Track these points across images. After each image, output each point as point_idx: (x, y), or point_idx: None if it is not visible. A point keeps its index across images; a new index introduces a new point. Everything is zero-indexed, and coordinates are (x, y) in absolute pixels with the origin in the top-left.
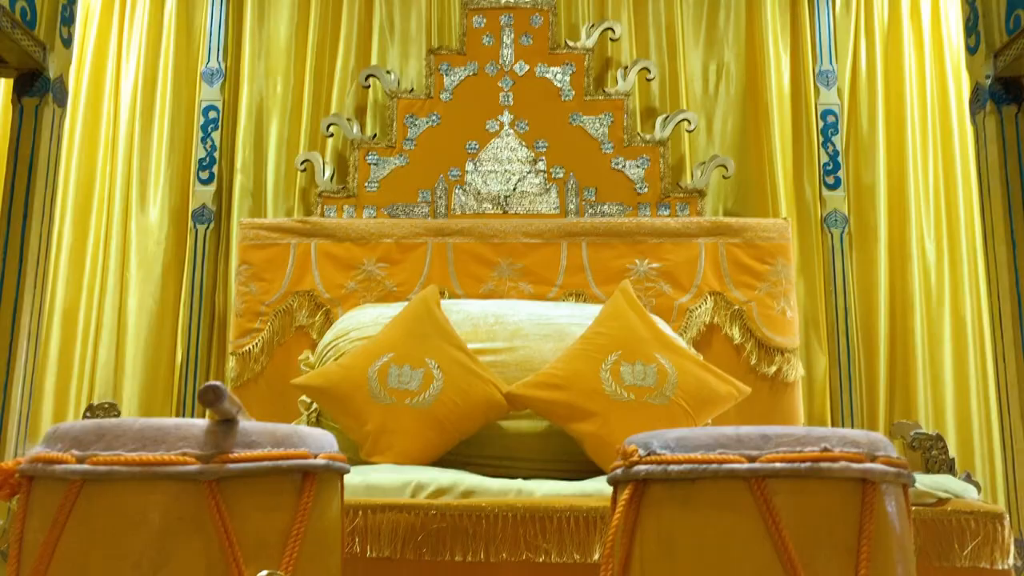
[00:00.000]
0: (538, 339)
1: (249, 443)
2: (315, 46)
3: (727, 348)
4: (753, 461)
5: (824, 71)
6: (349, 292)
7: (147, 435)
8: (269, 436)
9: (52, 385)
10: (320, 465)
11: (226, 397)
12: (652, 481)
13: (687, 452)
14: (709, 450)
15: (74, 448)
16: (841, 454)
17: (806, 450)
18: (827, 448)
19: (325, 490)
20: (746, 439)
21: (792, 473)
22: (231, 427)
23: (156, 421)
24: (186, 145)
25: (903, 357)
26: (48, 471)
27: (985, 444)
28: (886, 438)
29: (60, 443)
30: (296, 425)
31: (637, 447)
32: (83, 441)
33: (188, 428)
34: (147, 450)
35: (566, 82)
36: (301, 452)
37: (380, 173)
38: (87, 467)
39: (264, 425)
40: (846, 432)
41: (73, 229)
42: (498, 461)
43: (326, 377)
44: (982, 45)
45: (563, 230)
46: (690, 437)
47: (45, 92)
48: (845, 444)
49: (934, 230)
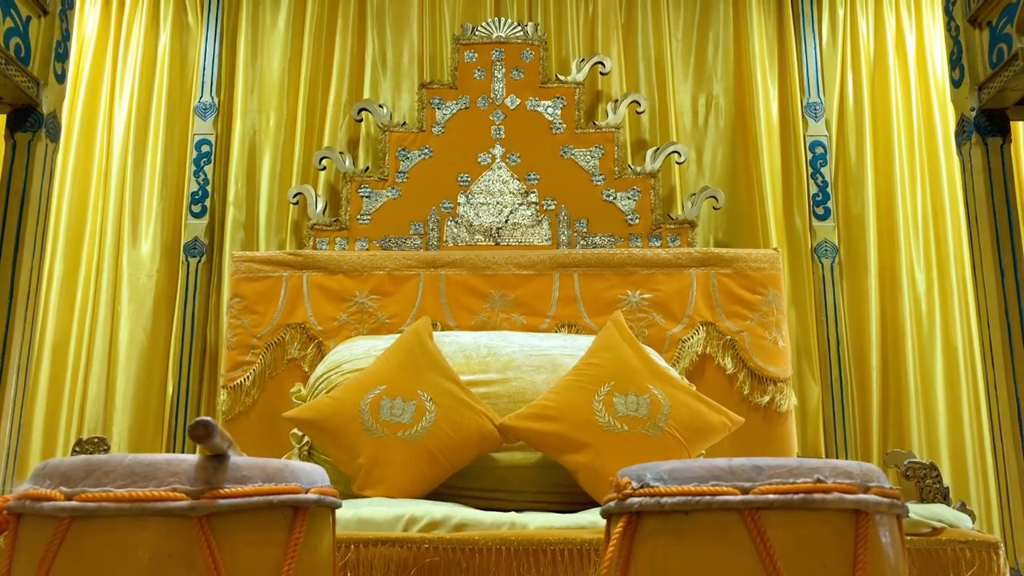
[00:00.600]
0: (531, 370)
1: (240, 478)
2: (308, 80)
3: (720, 378)
4: (746, 493)
5: (812, 103)
6: (341, 324)
7: (136, 471)
8: (260, 471)
9: (41, 419)
10: (311, 500)
11: (216, 432)
12: (646, 513)
13: (680, 484)
14: (702, 482)
15: (62, 485)
16: (834, 485)
17: (799, 481)
18: (820, 479)
19: (316, 525)
20: (739, 471)
21: (785, 504)
22: (222, 462)
23: (146, 457)
24: (179, 178)
25: (895, 386)
26: (36, 508)
27: (979, 472)
28: (879, 468)
29: (48, 480)
30: (287, 460)
31: (630, 479)
32: (72, 477)
33: (178, 463)
34: (137, 486)
35: (557, 115)
36: (292, 487)
37: (372, 206)
38: (75, 504)
39: (255, 460)
40: (839, 463)
41: (64, 262)
42: (491, 493)
43: (318, 410)
44: (966, 78)
45: (555, 261)
46: (683, 469)
47: (38, 127)
48: (838, 475)
49: (923, 259)
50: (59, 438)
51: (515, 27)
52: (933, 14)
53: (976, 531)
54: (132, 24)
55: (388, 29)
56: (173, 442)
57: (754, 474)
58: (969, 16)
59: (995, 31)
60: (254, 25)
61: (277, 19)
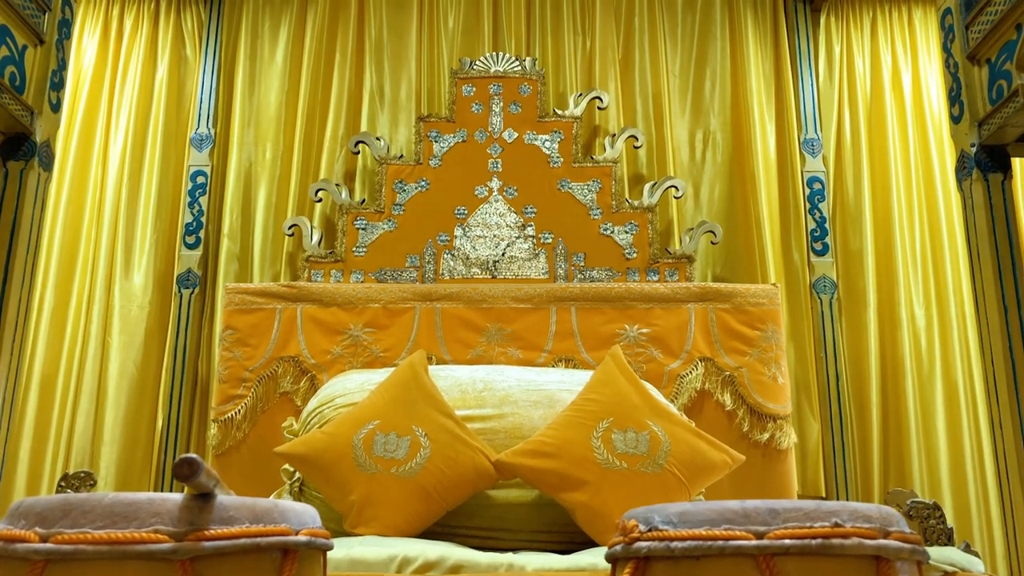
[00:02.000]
0: (527, 405)
1: (226, 519)
2: (305, 112)
3: (719, 415)
4: (761, 537)
5: (809, 139)
6: (335, 357)
7: (117, 511)
8: (248, 511)
9: (27, 453)
10: (302, 542)
11: (202, 470)
12: (654, 559)
13: (691, 528)
14: (714, 525)
15: (38, 525)
16: (853, 530)
17: (816, 525)
18: (838, 523)
19: (306, 568)
20: (753, 514)
21: (802, 550)
22: (207, 502)
23: (127, 496)
24: (173, 209)
25: (896, 423)
26: (10, 550)
27: (982, 511)
28: (899, 512)
29: (23, 520)
30: (276, 499)
31: (637, 522)
32: (48, 518)
33: (161, 503)
34: (117, 527)
35: (554, 149)
36: (282, 528)
37: (368, 238)
38: (51, 546)
39: (242, 499)
40: (857, 506)
41: (56, 293)
42: (486, 532)
43: (310, 445)
44: (966, 114)
45: (552, 295)
46: (693, 512)
47: (31, 156)
48: (857, 519)
49: (923, 295)
50: (45, 472)
51: (513, 62)
52: (928, 51)
53: (987, 575)
54: (130, 55)
55: (386, 63)
56: (162, 477)
57: (769, 518)
58: (968, 53)
59: (994, 68)
60: (252, 58)
61: (275, 52)
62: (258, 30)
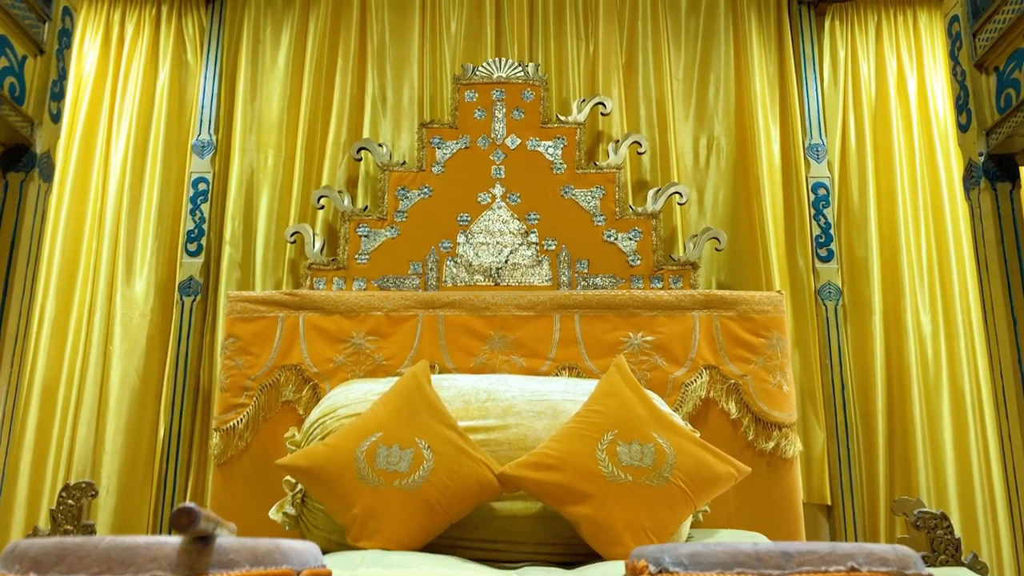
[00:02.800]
0: (531, 416)
1: (226, 563)
2: (307, 119)
3: (724, 423)
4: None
5: (814, 145)
6: (338, 366)
7: (113, 556)
8: (248, 554)
9: (28, 463)
10: None
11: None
12: None
13: (702, 570)
14: (726, 568)
15: (33, 571)
16: (869, 574)
17: (831, 570)
18: (854, 567)
19: None
20: (766, 558)
21: None
22: (206, 545)
23: (124, 540)
24: (174, 217)
25: (902, 431)
26: None
27: (989, 520)
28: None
29: (18, 564)
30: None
31: (647, 562)
32: (43, 563)
33: (159, 548)
34: (113, 573)
35: (558, 155)
36: (283, 571)
37: (371, 245)
38: None
39: (242, 542)
40: (873, 548)
41: (57, 301)
42: (490, 544)
43: (312, 458)
44: (974, 123)
45: (556, 302)
46: (705, 554)
47: (31, 167)
48: (873, 562)
49: (929, 302)
50: (46, 482)
51: (516, 67)
52: (934, 55)
53: None
54: (131, 61)
55: (388, 69)
56: (164, 486)
57: (783, 561)
58: (976, 61)
59: (1002, 76)
60: (254, 64)
61: (277, 58)
62: (260, 35)
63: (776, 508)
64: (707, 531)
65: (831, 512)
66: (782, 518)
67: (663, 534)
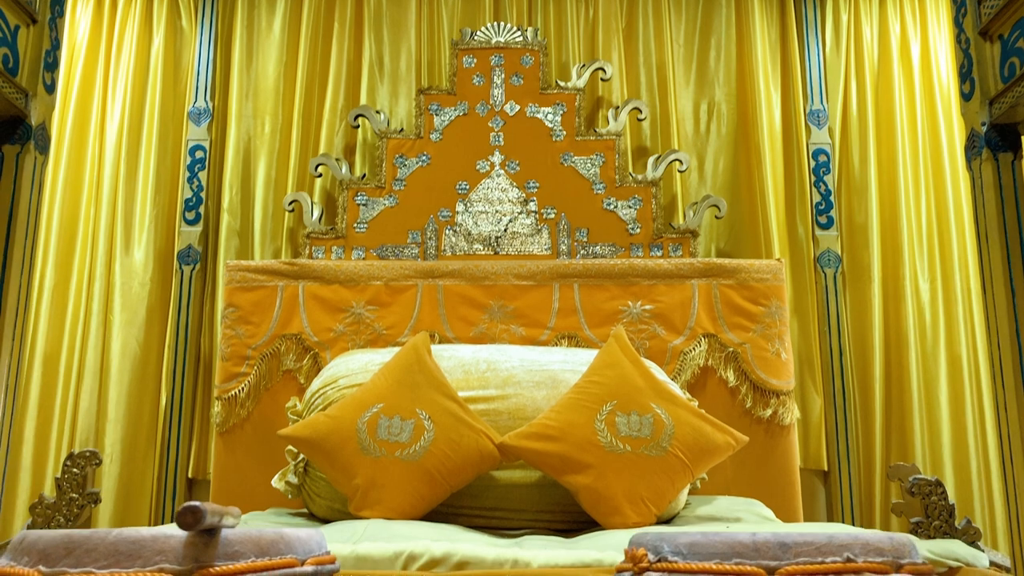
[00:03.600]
0: (531, 386)
1: (232, 554)
2: (304, 85)
3: (722, 391)
4: (772, 573)
5: (815, 110)
6: (338, 335)
7: (120, 549)
8: (253, 545)
9: (32, 431)
10: (308, 573)
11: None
12: None
13: (701, 560)
14: (724, 559)
15: (41, 563)
16: (865, 565)
17: (828, 560)
18: (850, 558)
19: None
20: (764, 548)
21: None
22: (212, 536)
23: (130, 533)
24: (172, 185)
25: (899, 398)
26: None
27: (983, 486)
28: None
29: (27, 556)
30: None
31: (647, 551)
32: (51, 556)
33: (164, 540)
34: (120, 566)
35: (557, 122)
36: (288, 560)
37: (369, 214)
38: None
39: (247, 533)
40: (869, 538)
41: (56, 271)
42: (490, 512)
43: (314, 428)
44: (977, 92)
45: (555, 272)
46: (703, 544)
47: (27, 140)
48: (869, 553)
49: (928, 269)
50: (50, 451)
51: (515, 32)
52: (938, 20)
53: (993, 571)
54: (124, 28)
55: (385, 34)
56: (167, 454)
57: (780, 552)
58: (980, 29)
59: (1007, 45)
60: (249, 29)
61: (272, 23)
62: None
63: (773, 474)
64: (705, 498)
65: (827, 477)
66: (779, 484)
67: (661, 503)
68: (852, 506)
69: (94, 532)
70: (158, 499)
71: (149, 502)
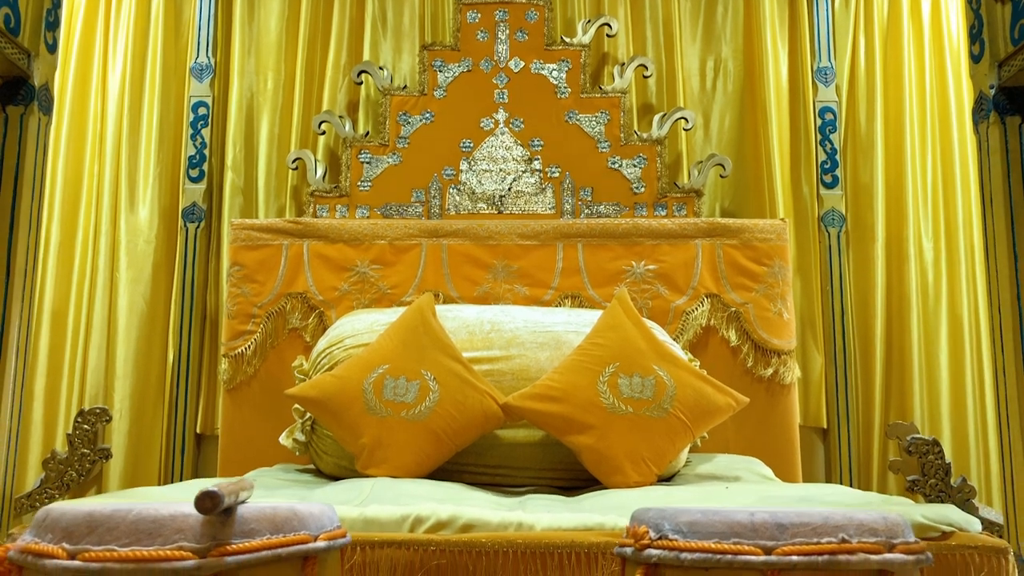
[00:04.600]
0: (534, 347)
1: (247, 531)
2: (306, 41)
3: (723, 351)
4: (769, 553)
5: (822, 68)
6: (342, 294)
7: (141, 528)
8: (268, 522)
9: (42, 388)
10: (320, 548)
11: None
12: (664, 566)
13: (700, 539)
14: (723, 538)
15: (65, 541)
16: (859, 545)
17: (823, 541)
18: (845, 539)
19: (327, 571)
20: (761, 528)
21: (809, 566)
22: (228, 515)
23: (150, 512)
24: (175, 142)
25: (899, 357)
26: (38, 565)
27: (980, 445)
28: (904, 520)
29: (50, 533)
30: (295, 504)
31: (648, 528)
32: (74, 534)
33: (184, 519)
34: (141, 544)
35: (562, 79)
36: (301, 536)
37: (373, 172)
38: (79, 564)
39: (262, 509)
40: (863, 519)
41: (61, 228)
42: (494, 470)
43: (321, 389)
44: (986, 54)
45: (559, 231)
46: (703, 523)
47: (30, 101)
48: (863, 533)
49: (932, 228)
50: (60, 407)
51: None
52: None
53: (985, 535)
54: None
55: None
56: (175, 410)
57: (777, 532)
58: None
59: (1018, 6)
60: None
61: None
62: None
63: (773, 433)
64: (705, 455)
65: (827, 435)
66: (779, 443)
67: (662, 463)
68: (850, 464)
69: (115, 511)
70: (167, 454)
71: (159, 457)
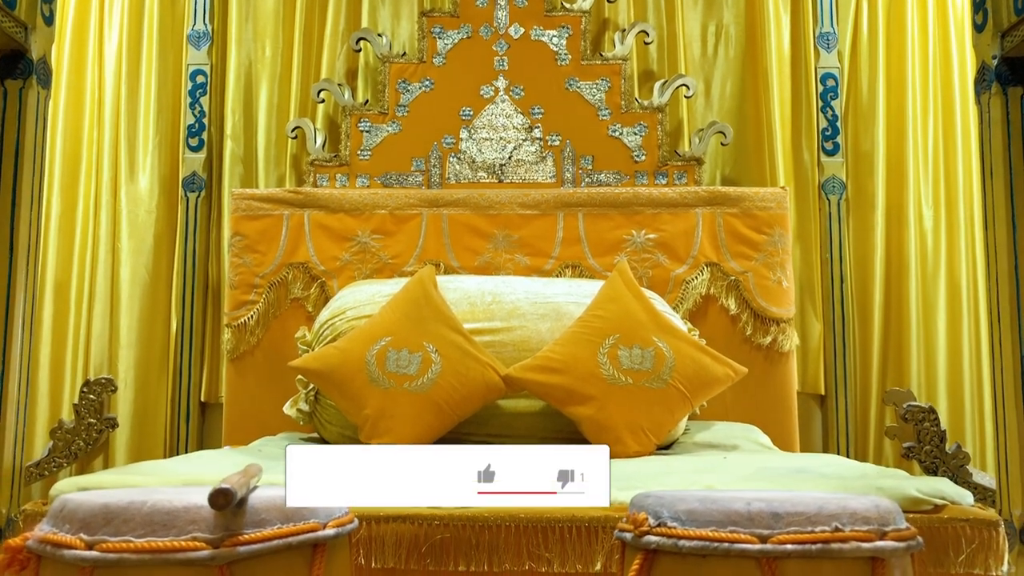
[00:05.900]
0: (535, 319)
1: (259, 521)
2: (304, 7)
3: (723, 319)
4: (764, 541)
5: (824, 33)
6: (344, 264)
7: (156, 519)
8: (278, 512)
9: (47, 357)
10: (330, 535)
11: (235, 497)
12: (663, 552)
13: (698, 527)
14: (720, 527)
15: (82, 531)
16: (852, 534)
17: (817, 530)
18: (838, 527)
19: (336, 557)
20: (757, 517)
21: (803, 554)
22: (240, 506)
23: (165, 503)
24: (174, 111)
25: (897, 323)
26: (56, 555)
27: (976, 412)
28: (896, 507)
29: (68, 524)
30: None
31: (647, 515)
32: (91, 525)
33: (197, 511)
34: (156, 535)
35: (562, 46)
36: (311, 525)
37: (373, 141)
38: (96, 554)
39: (273, 499)
40: (856, 507)
41: (62, 199)
42: (496, 439)
43: (324, 360)
44: (990, 23)
45: (560, 201)
46: (701, 511)
47: (29, 75)
48: (856, 522)
49: (932, 195)
50: (66, 375)
51: None
52: None
53: (978, 508)
54: None
55: None
56: (179, 379)
57: (772, 521)
58: None
59: None
60: None
61: None
62: None
63: (771, 400)
64: (704, 423)
65: (824, 402)
66: (776, 410)
67: (660, 432)
68: (848, 430)
69: (131, 502)
70: (172, 423)
71: (164, 426)
